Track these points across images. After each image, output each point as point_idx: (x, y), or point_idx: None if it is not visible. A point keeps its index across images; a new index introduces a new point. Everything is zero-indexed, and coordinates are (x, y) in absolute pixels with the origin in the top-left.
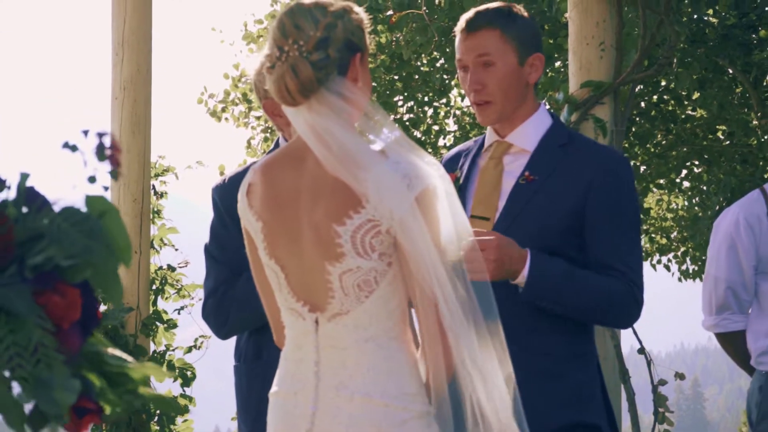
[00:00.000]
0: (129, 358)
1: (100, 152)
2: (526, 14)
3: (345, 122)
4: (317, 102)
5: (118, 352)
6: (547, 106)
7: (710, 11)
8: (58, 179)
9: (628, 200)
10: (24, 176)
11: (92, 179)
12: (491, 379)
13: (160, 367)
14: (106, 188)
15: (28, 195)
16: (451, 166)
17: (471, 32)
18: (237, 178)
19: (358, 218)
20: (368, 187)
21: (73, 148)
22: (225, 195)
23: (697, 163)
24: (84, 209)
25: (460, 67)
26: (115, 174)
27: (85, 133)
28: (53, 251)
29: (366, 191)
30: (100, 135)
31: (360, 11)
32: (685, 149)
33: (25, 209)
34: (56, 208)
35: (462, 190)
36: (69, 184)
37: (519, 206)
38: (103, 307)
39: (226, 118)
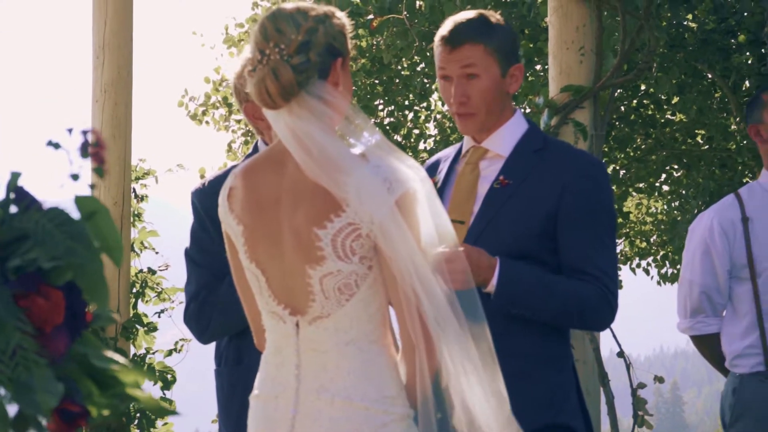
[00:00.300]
0: (122, 360)
1: (84, 150)
2: (503, 22)
3: (326, 126)
4: (298, 105)
5: (111, 354)
6: (528, 110)
7: (689, 16)
8: (44, 180)
9: (603, 204)
10: (14, 175)
11: (75, 177)
12: (478, 380)
13: (145, 371)
14: (91, 186)
15: (17, 195)
16: (431, 172)
17: (454, 48)
18: (217, 182)
19: (338, 222)
20: (348, 191)
21: (56, 146)
22: (205, 199)
23: (676, 167)
24: (73, 209)
25: (441, 77)
26: (100, 171)
27: (70, 131)
28: (36, 253)
29: (346, 195)
30: (85, 132)
31: (342, 16)
32: (664, 153)
33: (13, 209)
34: (45, 208)
35: (439, 195)
36: (56, 184)
37: (493, 210)
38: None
39: (207, 122)
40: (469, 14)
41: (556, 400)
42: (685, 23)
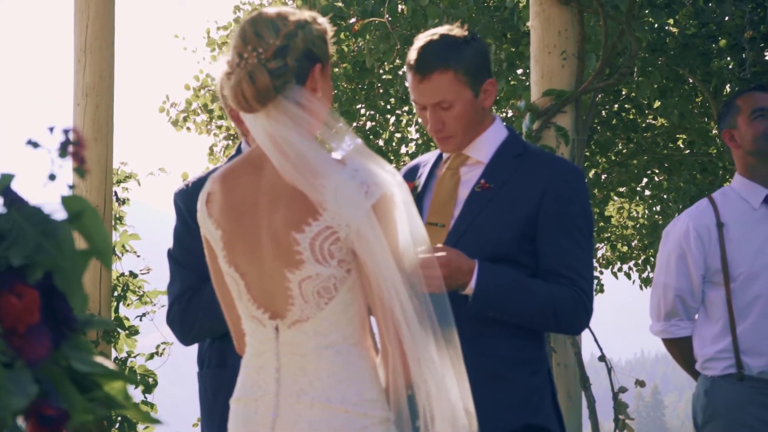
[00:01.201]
0: (111, 365)
1: (63, 149)
2: (469, 36)
3: (303, 130)
4: (275, 109)
5: (101, 359)
6: (509, 114)
7: (670, 21)
8: (29, 182)
9: (580, 209)
10: (5, 177)
11: (52, 177)
12: (446, 387)
13: (128, 376)
14: (71, 186)
15: (5, 196)
16: (410, 176)
17: (424, 77)
18: (200, 183)
19: (316, 225)
20: (326, 194)
21: (35, 145)
22: (188, 199)
23: (657, 171)
24: (60, 210)
25: (416, 105)
26: (81, 171)
27: (51, 129)
28: (9, 251)
29: (324, 198)
30: (66, 131)
31: (323, 22)
32: (645, 158)
33: (2, 210)
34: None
35: (419, 199)
36: (39, 185)
37: (474, 213)
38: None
39: (188, 128)
40: (434, 35)
41: (533, 402)
42: (667, 28)
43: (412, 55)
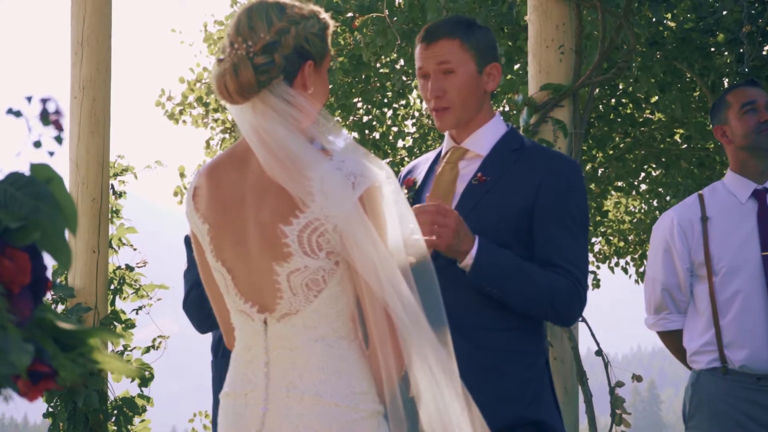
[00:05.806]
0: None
1: (44, 117)
2: (482, 27)
3: (289, 125)
4: (261, 103)
5: (66, 324)
6: (507, 108)
7: (669, 15)
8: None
9: (575, 202)
10: None
11: (37, 144)
12: (440, 381)
13: (113, 332)
14: (51, 153)
15: None
16: (410, 175)
17: (431, 42)
18: None
19: (303, 217)
20: (312, 186)
21: (17, 114)
22: None
23: (654, 166)
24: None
25: (420, 75)
26: (59, 139)
27: (29, 99)
28: (1, 215)
29: (311, 190)
30: (44, 100)
31: (326, 18)
32: (643, 152)
33: None
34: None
35: (418, 194)
36: (12, 153)
37: (470, 205)
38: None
39: (184, 121)
40: (449, 17)
41: (526, 395)
42: (665, 22)
43: (425, 28)
